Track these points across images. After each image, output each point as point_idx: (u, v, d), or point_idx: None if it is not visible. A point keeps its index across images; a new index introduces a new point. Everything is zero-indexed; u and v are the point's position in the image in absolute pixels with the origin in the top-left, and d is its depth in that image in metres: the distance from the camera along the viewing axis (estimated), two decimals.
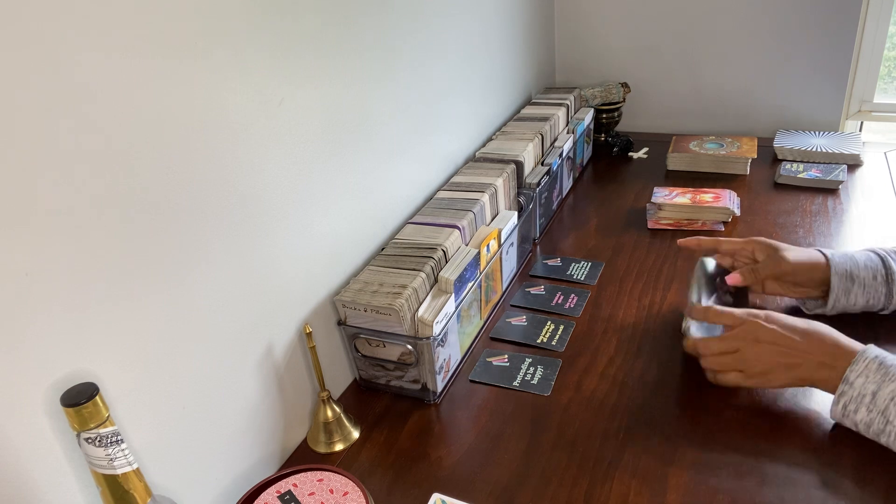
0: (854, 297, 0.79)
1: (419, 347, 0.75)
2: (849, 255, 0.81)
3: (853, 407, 0.64)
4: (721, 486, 0.64)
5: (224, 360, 0.65)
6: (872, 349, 0.66)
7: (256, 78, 0.64)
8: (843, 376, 0.65)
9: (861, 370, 0.64)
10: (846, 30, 1.35)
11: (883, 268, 0.79)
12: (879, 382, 0.63)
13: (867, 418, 0.63)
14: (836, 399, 0.66)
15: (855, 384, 0.64)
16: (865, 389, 0.64)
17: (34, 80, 0.44)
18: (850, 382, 0.65)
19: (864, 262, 0.80)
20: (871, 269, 0.79)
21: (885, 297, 0.79)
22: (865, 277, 0.79)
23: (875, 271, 0.79)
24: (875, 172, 1.26)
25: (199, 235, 0.60)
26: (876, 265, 0.79)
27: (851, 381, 0.65)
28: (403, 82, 0.93)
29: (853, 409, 0.64)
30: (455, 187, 1.00)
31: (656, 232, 1.13)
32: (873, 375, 0.64)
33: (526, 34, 1.43)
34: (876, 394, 0.63)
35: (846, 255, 0.80)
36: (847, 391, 0.65)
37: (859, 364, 0.65)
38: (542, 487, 0.67)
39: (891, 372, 0.63)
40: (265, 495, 0.60)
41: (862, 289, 0.79)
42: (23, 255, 0.45)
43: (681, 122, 1.59)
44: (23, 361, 0.46)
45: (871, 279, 0.79)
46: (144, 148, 0.53)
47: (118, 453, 0.46)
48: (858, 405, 0.64)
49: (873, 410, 0.63)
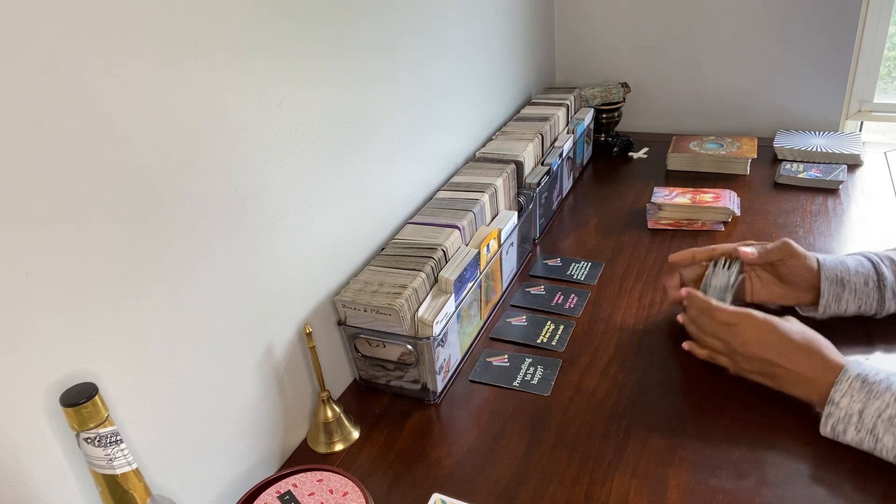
0: (845, 302, 0.78)
1: (419, 347, 0.75)
2: (840, 259, 0.80)
3: (841, 428, 0.65)
4: (721, 486, 0.64)
5: (224, 360, 0.65)
6: (854, 366, 0.66)
7: (256, 78, 0.64)
8: (829, 397, 0.65)
9: (845, 390, 0.64)
10: (846, 30, 1.35)
11: (875, 273, 0.78)
12: (864, 401, 0.63)
13: (857, 438, 0.64)
14: (825, 420, 0.66)
15: (841, 404, 0.64)
16: (851, 409, 0.64)
17: (34, 81, 0.44)
18: (835, 403, 0.65)
19: (855, 267, 0.79)
20: (862, 275, 0.78)
21: (877, 303, 0.78)
22: (857, 283, 0.78)
23: (867, 277, 0.78)
24: (875, 172, 1.26)
25: (199, 235, 0.60)
26: (867, 270, 0.78)
27: (837, 402, 0.65)
28: (403, 82, 0.93)
29: (842, 429, 0.65)
30: (455, 187, 1.00)
31: (656, 232, 1.13)
32: (857, 394, 0.64)
33: (526, 34, 1.43)
34: (862, 412, 0.63)
35: (837, 260, 0.79)
36: (834, 412, 0.65)
37: (843, 384, 0.65)
38: (542, 487, 0.67)
39: (874, 389, 0.63)
40: (265, 495, 0.60)
41: (853, 294, 0.78)
42: (23, 255, 0.45)
43: (681, 122, 1.59)
44: (23, 361, 0.46)
45: (863, 285, 0.78)
46: (145, 148, 0.53)
47: (118, 453, 0.46)
48: (847, 426, 0.64)
49: (861, 430, 0.63)
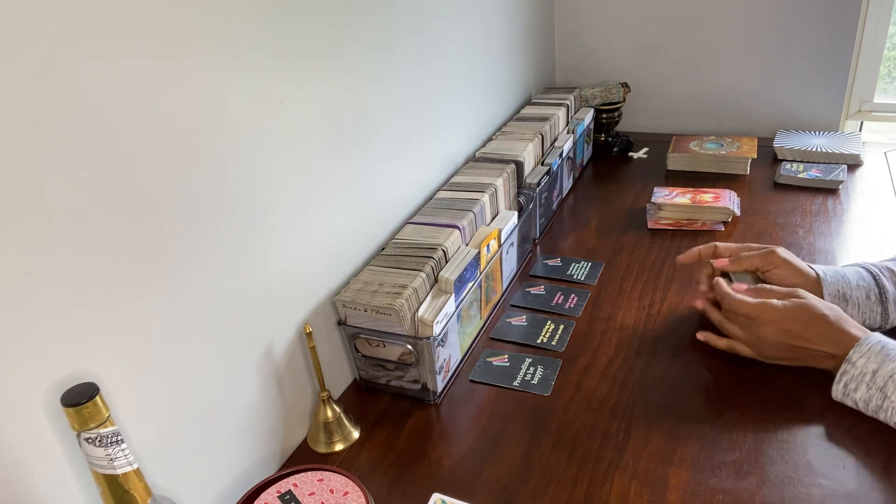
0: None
1: (419, 347, 0.75)
2: (840, 273, 0.79)
3: (853, 385, 0.67)
4: (721, 486, 0.64)
5: (224, 360, 0.65)
6: (877, 335, 0.69)
7: (256, 78, 0.64)
8: (847, 357, 0.68)
9: (864, 352, 0.67)
10: (846, 30, 1.35)
11: (875, 286, 0.77)
12: (880, 362, 0.66)
13: (866, 395, 0.66)
14: (838, 378, 0.68)
15: (857, 364, 0.67)
16: (866, 368, 0.66)
17: (35, 81, 0.44)
18: (852, 362, 0.68)
19: (856, 280, 0.78)
20: (863, 289, 0.77)
21: (881, 317, 0.77)
22: (859, 297, 0.77)
23: (868, 290, 0.77)
24: (875, 172, 1.26)
25: (199, 235, 0.60)
26: (868, 284, 0.77)
27: (854, 361, 0.67)
28: (404, 82, 0.93)
29: (853, 387, 0.67)
30: (455, 187, 1.00)
31: (656, 232, 1.13)
32: (875, 357, 0.66)
33: (526, 34, 1.43)
34: (876, 372, 0.66)
35: (838, 274, 0.79)
36: (849, 370, 0.68)
37: (863, 347, 0.68)
38: (542, 487, 0.67)
39: (892, 354, 0.66)
40: (265, 495, 0.60)
41: (857, 309, 0.77)
42: (23, 255, 0.45)
43: (681, 122, 1.59)
44: (23, 361, 0.46)
45: (865, 299, 0.77)
46: (145, 147, 0.53)
47: (118, 453, 0.46)
48: (859, 383, 0.67)
49: (872, 387, 0.66)
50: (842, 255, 1.00)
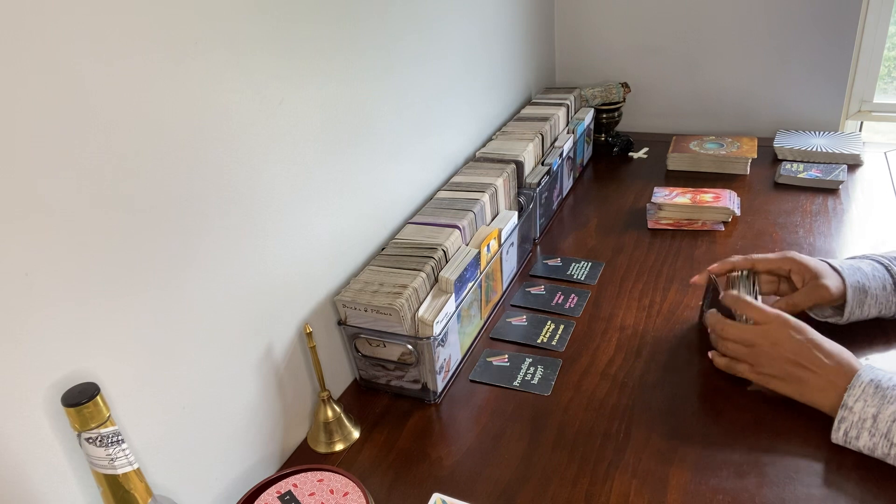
0: (867, 308, 0.78)
1: (419, 347, 0.75)
2: (855, 265, 0.79)
3: (854, 433, 0.64)
4: (721, 486, 0.64)
5: (224, 360, 0.65)
6: (866, 372, 0.65)
7: (256, 78, 0.64)
8: (843, 401, 0.65)
9: (858, 395, 0.64)
10: (846, 30, 1.35)
11: (890, 277, 0.78)
12: (879, 406, 0.62)
13: (870, 443, 0.63)
14: (837, 425, 0.65)
15: (854, 409, 0.64)
16: (865, 413, 0.63)
17: (34, 81, 0.44)
18: (849, 408, 0.64)
19: (871, 272, 0.78)
20: (879, 280, 0.78)
21: (895, 307, 0.78)
22: (876, 288, 0.78)
23: (883, 281, 0.78)
24: (875, 172, 1.26)
25: (198, 235, 0.60)
26: (883, 276, 0.78)
27: (850, 406, 0.64)
28: (403, 82, 0.93)
29: (854, 434, 0.64)
30: (455, 187, 1.00)
31: (656, 232, 1.13)
32: (871, 399, 0.63)
33: (526, 34, 1.43)
34: (877, 417, 0.62)
35: (854, 267, 0.79)
36: (847, 416, 0.64)
37: (856, 389, 0.64)
38: (543, 487, 0.67)
39: (889, 395, 0.62)
40: (265, 495, 0.60)
41: (875, 300, 0.78)
42: (23, 254, 0.45)
43: (681, 122, 1.59)
44: (23, 361, 0.46)
45: (881, 290, 0.78)
46: (144, 147, 0.53)
47: (119, 453, 0.46)
48: (860, 430, 0.63)
49: (876, 434, 0.62)
50: (842, 255, 1.00)
